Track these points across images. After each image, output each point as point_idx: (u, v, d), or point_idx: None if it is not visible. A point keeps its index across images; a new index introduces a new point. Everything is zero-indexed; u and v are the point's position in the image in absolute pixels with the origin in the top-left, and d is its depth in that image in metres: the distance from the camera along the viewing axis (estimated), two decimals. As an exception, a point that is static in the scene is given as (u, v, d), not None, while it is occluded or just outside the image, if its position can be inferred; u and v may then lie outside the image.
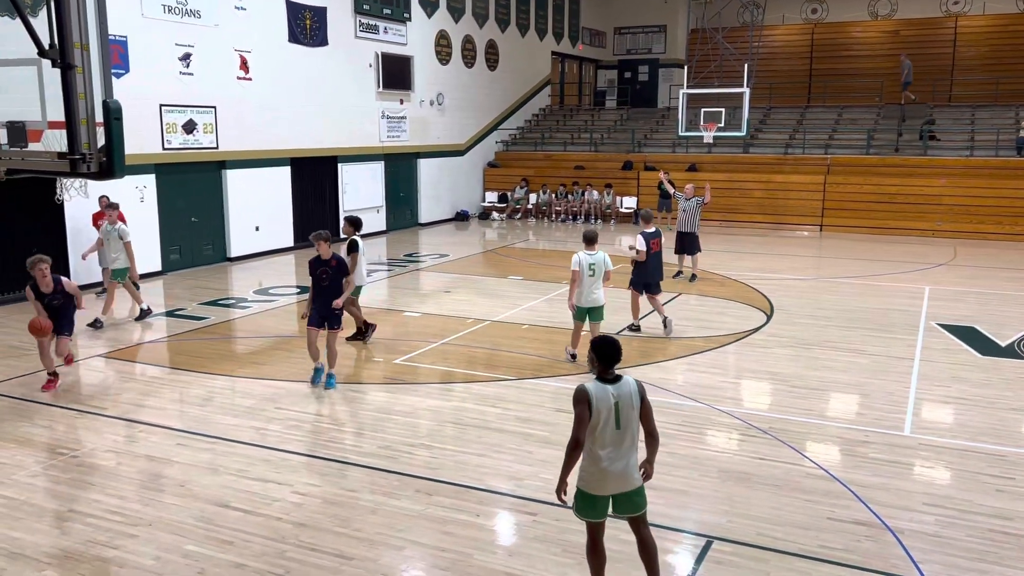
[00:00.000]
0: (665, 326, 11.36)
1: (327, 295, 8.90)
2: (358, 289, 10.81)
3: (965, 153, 22.81)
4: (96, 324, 11.74)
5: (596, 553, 4.91)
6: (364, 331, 11.06)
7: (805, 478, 6.80)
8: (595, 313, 9.89)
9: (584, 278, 9.68)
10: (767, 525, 5.99)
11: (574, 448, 4.67)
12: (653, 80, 33.50)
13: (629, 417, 4.71)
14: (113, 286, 12.11)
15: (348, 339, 10.80)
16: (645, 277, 11.43)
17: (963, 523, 6.04)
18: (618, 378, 4.77)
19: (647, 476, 4.89)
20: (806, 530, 5.91)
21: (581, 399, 4.70)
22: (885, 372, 9.72)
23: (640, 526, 4.90)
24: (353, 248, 10.59)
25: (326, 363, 9.12)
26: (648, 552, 4.91)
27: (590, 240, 9.94)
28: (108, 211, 12.17)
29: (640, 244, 11.20)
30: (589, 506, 4.80)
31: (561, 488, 4.83)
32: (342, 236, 11.10)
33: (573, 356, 10.13)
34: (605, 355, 4.77)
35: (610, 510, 4.82)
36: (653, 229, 11.46)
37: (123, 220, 12.56)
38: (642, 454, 4.90)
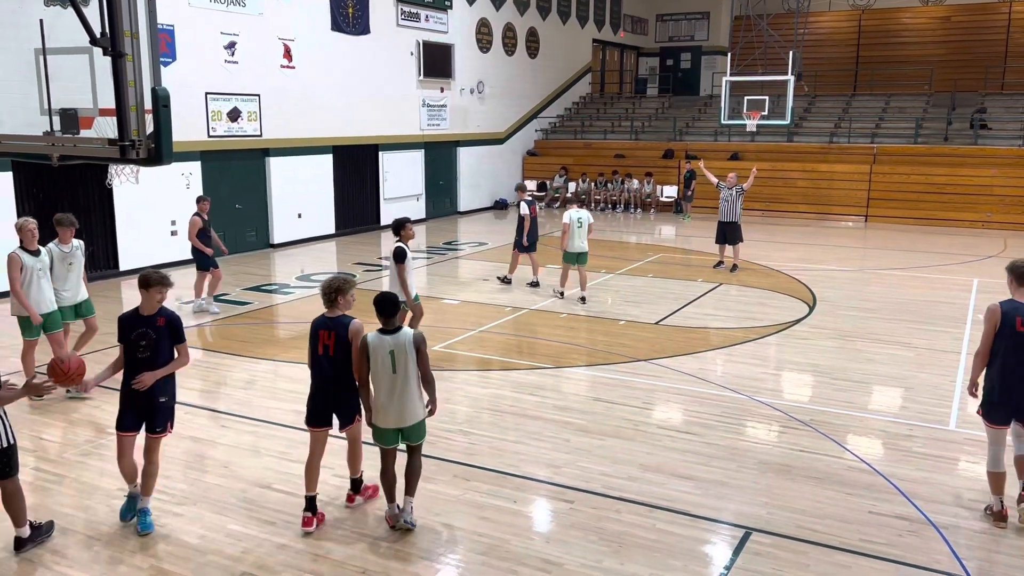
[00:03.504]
0: (534, 284, 13.58)
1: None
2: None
3: (1018, 142, 22.18)
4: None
5: (386, 476, 5.82)
6: None
7: (847, 471, 6.72)
8: (582, 258, 12.43)
9: (574, 230, 12.19)
10: (807, 518, 5.93)
11: (360, 386, 5.72)
12: (695, 68, 33.11)
13: (405, 363, 5.50)
14: (68, 328, 8.65)
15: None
16: (526, 238, 13.40)
17: (1010, 519, 5.91)
18: (397, 329, 5.55)
19: (431, 411, 5.76)
20: (847, 523, 5.84)
21: (362, 346, 5.56)
22: (930, 365, 9.54)
23: (413, 452, 5.83)
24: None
25: (140, 484, 5.83)
26: (412, 472, 5.82)
27: (578, 202, 13.33)
28: (67, 228, 8.41)
29: (523, 209, 13.31)
30: (378, 435, 5.72)
31: (369, 417, 5.74)
32: (397, 246, 9.01)
33: (561, 294, 12.74)
34: (379, 308, 5.55)
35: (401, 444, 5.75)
36: (531, 198, 13.71)
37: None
38: None
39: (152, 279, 5.63)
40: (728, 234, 14.92)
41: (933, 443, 7.29)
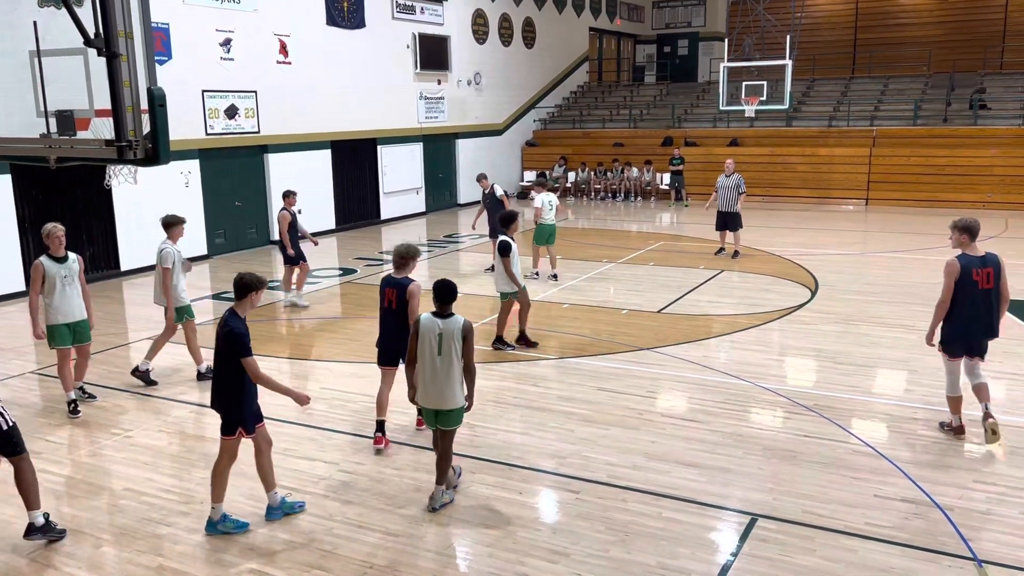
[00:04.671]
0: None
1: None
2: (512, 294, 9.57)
3: (1017, 122, 22.12)
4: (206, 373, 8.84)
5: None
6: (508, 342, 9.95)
7: (851, 455, 6.72)
8: (551, 237, 13.51)
9: (545, 212, 13.38)
10: (813, 503, 5.94)
11: (407, 364, 5.97)
12: (693, 54, 33.01)
13: (450, 348, 5.71)
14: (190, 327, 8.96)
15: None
16: (489, 223, 14.11)
17: (1014, 500, 5.92)
18: (450, 315, 5.78)
19: (469, 406, 5.95)
20: (852, 508, 5.85)
21: (415, 326, 5.84)
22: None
23: (444, 437, 5.94)
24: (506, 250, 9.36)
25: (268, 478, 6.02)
26: (442, 458, 5.95)
27: (551, 189, 15.18)
28: (176, 227, 8.74)
29: (499, 191, 14.32)
30: (420, 412, 6.12)
31: (412, 394, 5.99)
32: (504, 235, 9.38)
33: (555, 276, 13.51)
34: (437, 293, 5.80)
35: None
36: (491, 185, 14.56)
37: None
38: None
39: (260, 282, 5.66)
40: (728, 221, 14.91)
41: (938, 426, 7.28)
